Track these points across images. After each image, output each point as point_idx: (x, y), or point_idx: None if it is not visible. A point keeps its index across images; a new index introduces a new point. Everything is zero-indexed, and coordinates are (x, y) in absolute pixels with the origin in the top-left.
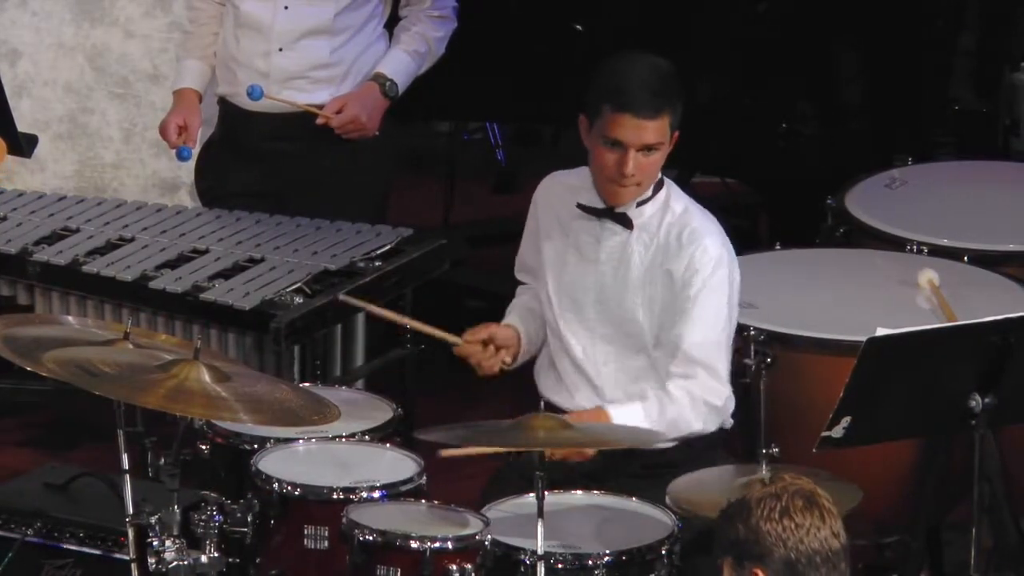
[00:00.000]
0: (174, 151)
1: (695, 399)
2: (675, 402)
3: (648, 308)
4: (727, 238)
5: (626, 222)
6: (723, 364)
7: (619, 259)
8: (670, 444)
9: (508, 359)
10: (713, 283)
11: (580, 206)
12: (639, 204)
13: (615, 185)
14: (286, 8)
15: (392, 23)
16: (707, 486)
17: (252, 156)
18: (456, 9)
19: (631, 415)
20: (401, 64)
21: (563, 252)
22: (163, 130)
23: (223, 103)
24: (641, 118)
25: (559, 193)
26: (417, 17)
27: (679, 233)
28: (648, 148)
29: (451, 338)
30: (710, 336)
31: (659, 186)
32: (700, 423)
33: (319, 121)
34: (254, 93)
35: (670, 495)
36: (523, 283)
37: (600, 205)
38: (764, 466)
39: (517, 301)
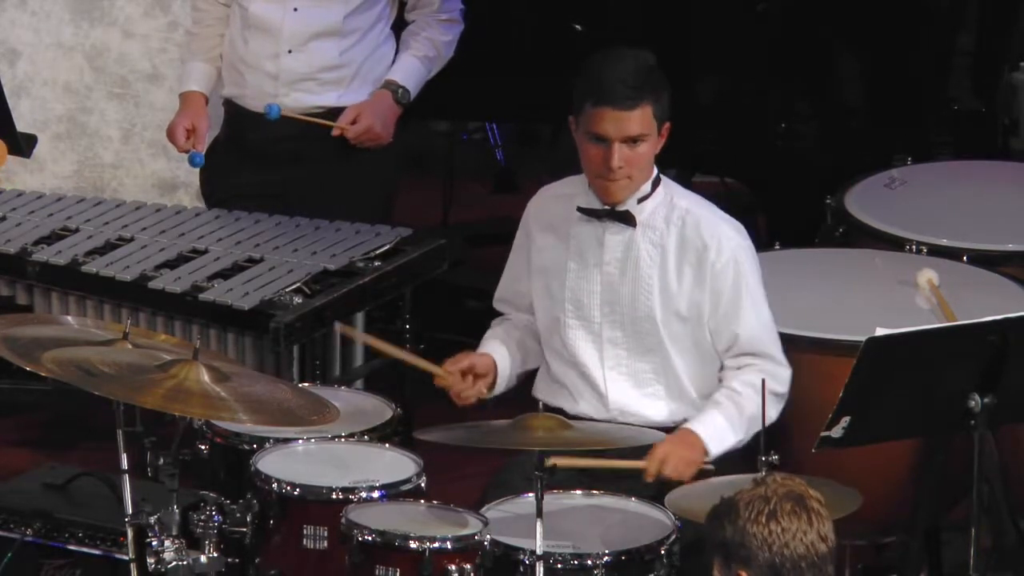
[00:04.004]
0: (186, 156)
1: (760, 390)
2: (746, 398)
3: (666, 305)
4: (736, 221)
5: (629, 220)
6: (778, 346)
7: (625, 258)
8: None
9: (485, 390)
10: (746, 269)
11: (581, 209)
12: (640, 201)
13: (604, 180)
14: (295, 10)
15: (397, 25)
16: (706, 496)
17: (258, 158)
18: (463, 12)
19: (716, 428)
20: (412, 70)
21: (563, 261)
22: (171, 133)
23: (229, 105)
24: (620, 109)
25: (552, 205)
26: (426, 22)
27: (696, 224)
28: (632, 140)
29: (434, 369)
30: (761, 320)
31: (656, 182)
32: (773, 411)
33: (335, 133)
34: (272, 112)
35: (668, 505)
36: (501, 314)
37: (599, 206)
38: (764, 475)
39: (492, 332)
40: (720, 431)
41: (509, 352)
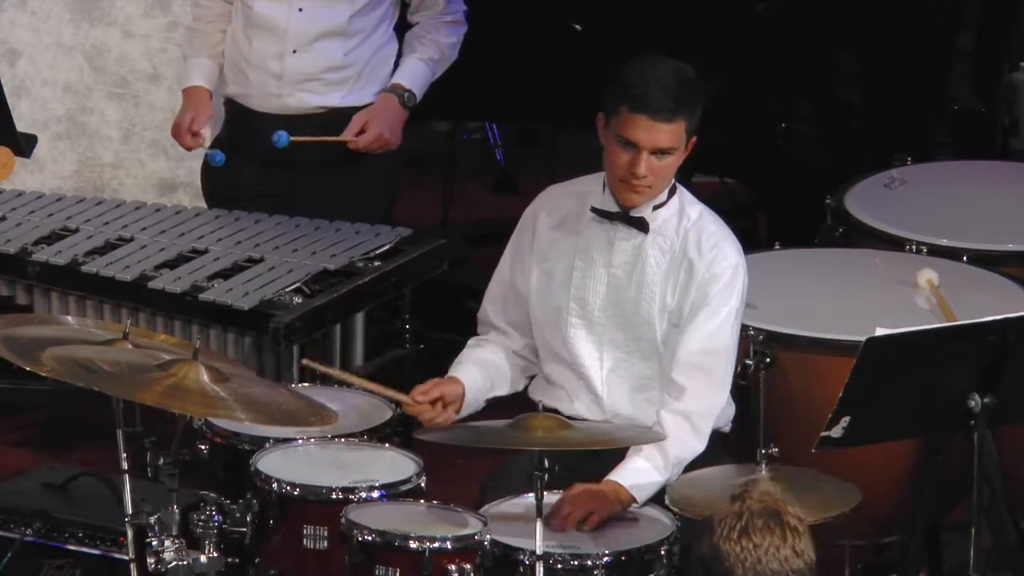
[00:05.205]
0: (189, 152)
1: (691, 422)
2: (671, 436)
3: (662, 312)
4: (739, 243)
5: (642, 226)
6: (723, 372)
7: (633, 263)
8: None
9: (454, 415)
10: (728, 291)
11: (595, 210)
12: (655, 208)
13: (626, 186)
14: (300, 10)
15: (400, 27)
16: (706, 486)
17: (260, 158)
18: (466, 13)
19: (642, 475)
20: (418, 73)
21: (570, 258)
22: (176, 130)
23: (231, 104)
24: (656, 120)
25: (563, 202)
26: (430, 24)
27: (698, 238)
28: (662, 151)
29: (401, 397)
30: (713, 344)
31: (672, 191)
32: (699, 443)
33: (351, 146)
34: (281, 140)
35: (669, 495)
36: (480, 334)
37: (614, 208)
38: (763, 466)
39: (465, 353)
40: (646, 474)
41: (481, 376)
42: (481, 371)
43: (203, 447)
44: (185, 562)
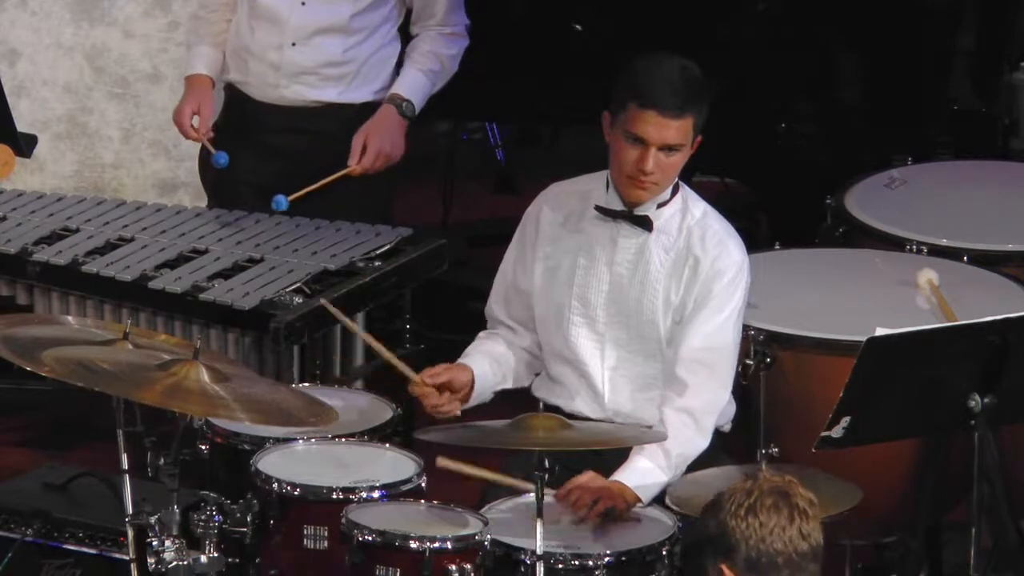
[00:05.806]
0: (191, 142)
1: (693, 418)
2: (674, 433)
3: (666, 310)
4: (743, 242)
5: (646, 224)
6: (726, 368)
7: (636, 261)
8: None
9: (458, 410)
10: (731, 289)
11: (599, 208)
12: (658, 206)
13: (633, 182)
14: (303, 4)
15: (404, 29)
16: (708, 488)
17: (259, 148)
18: (468, 27)
19: (646, 475)
20: (416, 83)
21: (574, 255)
22: (177, 117)
23: (230, 89)
24: (665, 116)
25: (567, 200)
26: (430, 35)
27: (702, 235)
28: (669, 148)
29: (411, 375)
30: (716, 340)
31: (675, 189)
32: (703, 440)
33: (356, 172)
34: (280, 206)
35: (670, 497)
36: (490, 328)
37: (618, 207)
38: (764, 467)
39: (476, 344)
40: (650, 474)
41: (491, 368)
42: (491, 363)
43: (203, 447)
44: (185, 562)
